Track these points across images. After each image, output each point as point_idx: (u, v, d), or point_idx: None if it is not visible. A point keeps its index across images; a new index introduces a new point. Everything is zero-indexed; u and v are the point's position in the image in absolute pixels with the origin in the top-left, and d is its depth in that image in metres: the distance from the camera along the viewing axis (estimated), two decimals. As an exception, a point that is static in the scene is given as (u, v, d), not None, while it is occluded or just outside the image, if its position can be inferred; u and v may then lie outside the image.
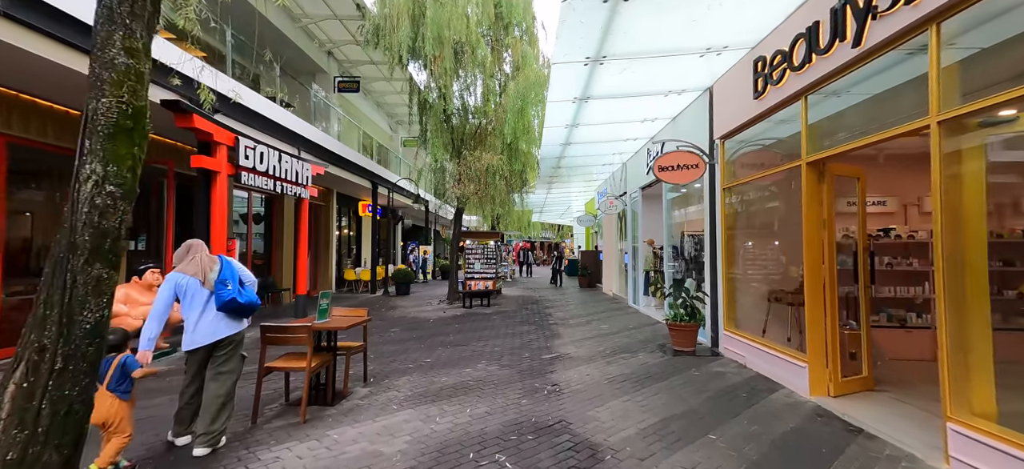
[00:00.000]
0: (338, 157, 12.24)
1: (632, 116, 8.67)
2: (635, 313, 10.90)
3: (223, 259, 3.76)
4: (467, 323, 9.43)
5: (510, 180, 11.68)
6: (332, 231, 15.06)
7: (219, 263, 3.72)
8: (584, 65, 5.87)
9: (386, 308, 11.71)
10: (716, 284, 6.77)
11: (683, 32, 5.19)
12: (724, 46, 5.60)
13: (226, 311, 3.56)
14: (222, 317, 3.58)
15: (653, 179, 10.45)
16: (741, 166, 6.56)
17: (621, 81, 6.59)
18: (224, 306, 3.53)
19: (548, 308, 11.99)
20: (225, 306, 3.53)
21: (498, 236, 15.02)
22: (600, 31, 4.99)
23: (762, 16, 4.93)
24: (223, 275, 3.63)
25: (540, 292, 16.50)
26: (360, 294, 14.89)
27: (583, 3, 4.42)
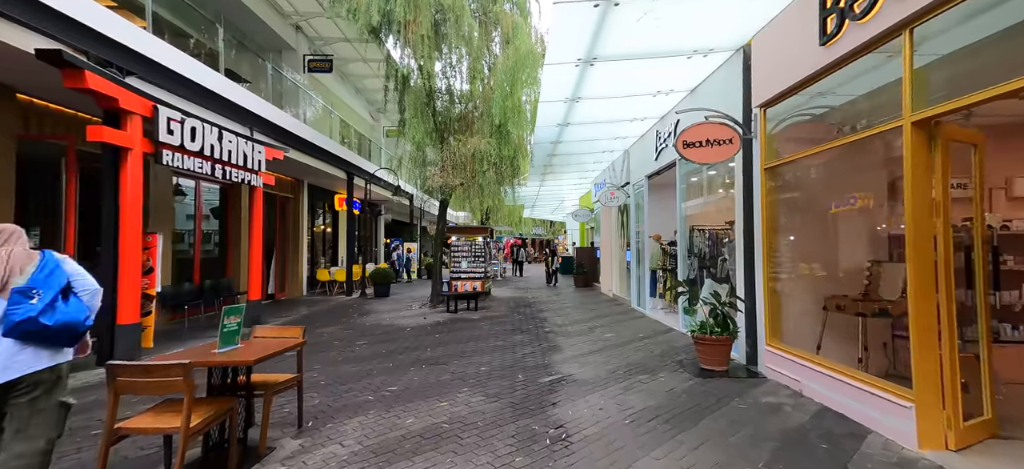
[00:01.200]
0: (303, 141, 10.76)
1: (643, 87, 7.35)
2: (641, 318, 9.62)
3: (48, 256, 2.36)
4: (450, 332, 8.06)
5: (500, 168, 10.32)
6: (302, 226, 13.56)
7: (39, 262, 2.32)
8: (595, 5, 4.52)
9: (359, 314, 10.29)
10: (754, 287, 5.48)
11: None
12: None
13: (22, 336, 2.17)
14: (18, 345, 2.18)
15: (663, 165, 9.18)
16: (788, 141, 5.27)
17: (633, 41, 5.29)
18: (15, 330, 2.14)
19: (543, 311, 10.67)
20: (17, 330, 2.14)
21: (487, 231, 13.65)
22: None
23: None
24: (32, 281, 2.23)
25: (533, 292, 15.18)
26: (334, 297, 13.43)
27: None
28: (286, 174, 12.74)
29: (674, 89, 7.44)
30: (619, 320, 9.35)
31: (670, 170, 9.04)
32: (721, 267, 8.90)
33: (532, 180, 17.01)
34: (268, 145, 8.43)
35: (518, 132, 10.48)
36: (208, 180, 8.58)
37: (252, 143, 7.81)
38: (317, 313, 10.31)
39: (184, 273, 9.01)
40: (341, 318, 9.61)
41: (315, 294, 13.88)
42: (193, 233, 9.35)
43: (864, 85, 4.26)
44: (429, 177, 10.46)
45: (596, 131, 10.03)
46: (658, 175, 9.82)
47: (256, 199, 8.29)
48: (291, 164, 11.31)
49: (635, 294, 11.26)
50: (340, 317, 9.74)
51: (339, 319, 9.47)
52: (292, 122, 10.07)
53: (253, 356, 2.96)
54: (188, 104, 7.01)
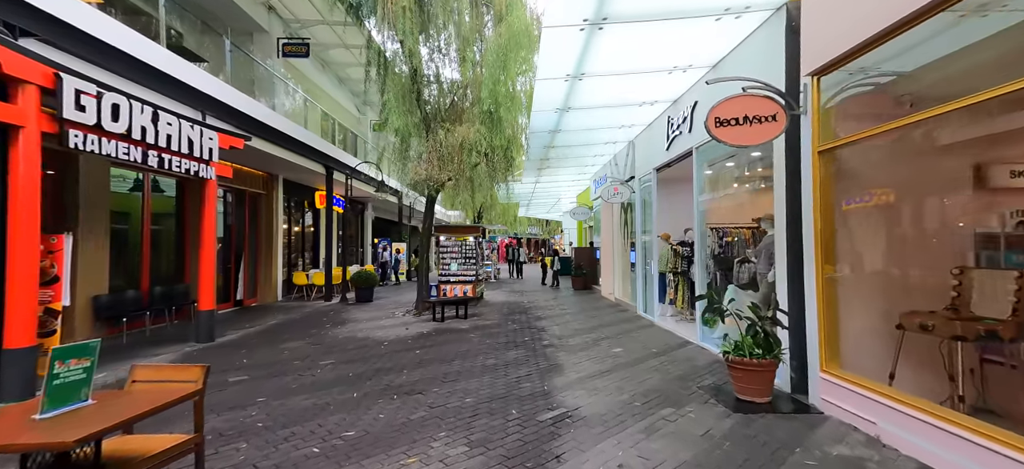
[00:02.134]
0: (272, 130, 9.62)
1: (657, 61, 6.30)
2: (650, 327, 8.58)
3: None
4: (433, 347, 6.98)
5: (492, 160, 9.24)
6: (277, 225, 12.41)
7: None
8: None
9: (334, 323, 9.17)
10: (802, 299, 4.44)
11: None
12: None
13: None
14: None
15: (675, 156, 8.13)
16: (847, 117, 4.24)
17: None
18: None
19: (540, 319, 9.61)
20: None
21: (478, 230, 12.57)
22: None
23: None
24: None
25: (529, 296, 14.12)
26: (311, 303, 12.29)
27: None
28: (256, 167, 11.59)
29: (693, 64, 6.39)
30: (626, 330, 8.30)
31: (684, 161, 8.00)
32: (744, 272, 7.90)
33: (527, 176, 15.94)
34: (224, 132, 7.29)
35: (511, 119, 9.39)
36: (139, 169, 7.41)
37: (201, 128, 6.67)
38: (286, 323, 9.18)
39: (129, 279, 7.86)
40: (311, 329, 8.49)
41: (291, 299, 12.74)
42: (140, 233, 8.18)
43: (961, 37, 3.23)
44: (413, 170, 9.34)
45: (599, 117, 8.97)
46: (668, 167, 8.79)
47: (208, 193, 7.15)
48: (260, 156, 10.17)
49: (641, 299, 10.22)
50: (311, 327, 8.62)
51: (309, 330, 8.35)
52: (256, 107, 8.93)
53: (88, 428, 1.86)
54: (122, 81, 5.88)
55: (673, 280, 8.94)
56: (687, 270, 8.78)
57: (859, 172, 4.26)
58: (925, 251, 3.97)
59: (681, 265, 8.85)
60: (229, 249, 10.80)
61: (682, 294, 8.81)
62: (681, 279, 8.87)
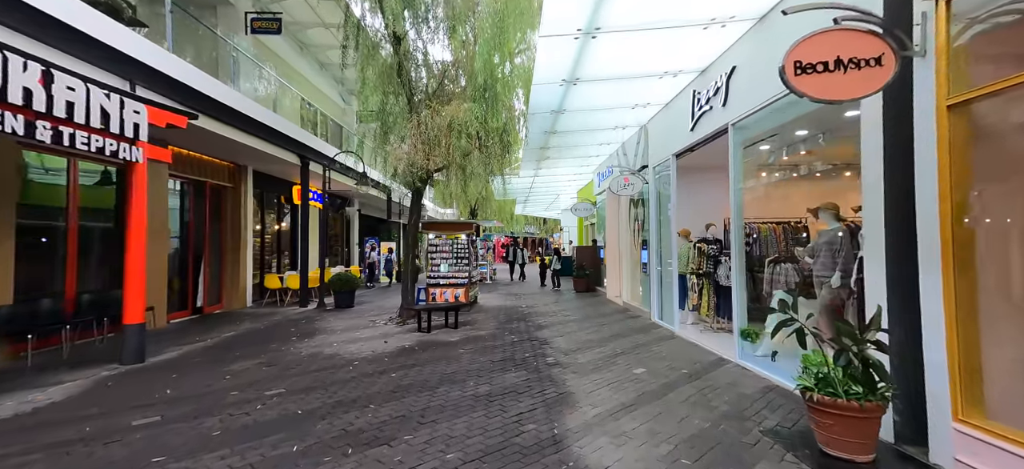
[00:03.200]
0: (227, 109, 8.28)
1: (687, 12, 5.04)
2: (671, 339, 7.33)
3: None
4: (414, 368, 5.69)
5: (486, 145, 7.93)
6: (246, 222, 11.07)
7: None
8: None
9: (302, 335, 7.86)
10: (917, 316, 3.19)
11: None
12: None
13: None
14: None
15: (701, 138, 6.88)
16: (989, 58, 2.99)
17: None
18: None
19: (542, 327, 8.34)
20: None
21: (470, 227, 11.28)
22: None
23: None
24: None
25: (527, 299, 12.85)
26: (284, 309, 10.96)
27: None
28: (219, 156, 10.26)
29: (736, 15, 5.12)
30: (643, 343, 7.04)
31: (714, 143, 6.75)
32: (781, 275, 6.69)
33: (525, 169, 14.68)
34: (157, 106, 5.96)
35: (507, 99, 8.12)
36: (26, 145, 5.96)
37: (122, 99, 5.35)
38: (245, 335, 7.86)
39: (45, 285, 6.52)
40: (272, 343, 7.18)
41: (263, 305, 11.40)
42: (64, 230, 6.83)
43: None
44: (393, 156, 8.02)
45: (609, 94, 7.71)
46: (691, 152, 7.54)
47: (136, 180, 5.82)
48: (220, 142, 8.85)
49: (656, 305, 8.97)
50: (272, 341, 7.31)
51: (268, 345, 7.04)
52: (207, 82, 7.59)
53: None
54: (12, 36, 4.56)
55: (696, 283, 7.69)
56: (713, 271, 7.54)
57: (1009, 136, 3.00)
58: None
59: (706, 265, 7.60)
60: (186, 249, 9.46)
61: (707, 300, 7.57)
62: (706, 282, 7.63)
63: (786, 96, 4.82)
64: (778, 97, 4.88)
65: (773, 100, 4.97)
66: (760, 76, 5.27)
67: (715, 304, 7.55)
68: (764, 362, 5.31)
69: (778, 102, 4.95)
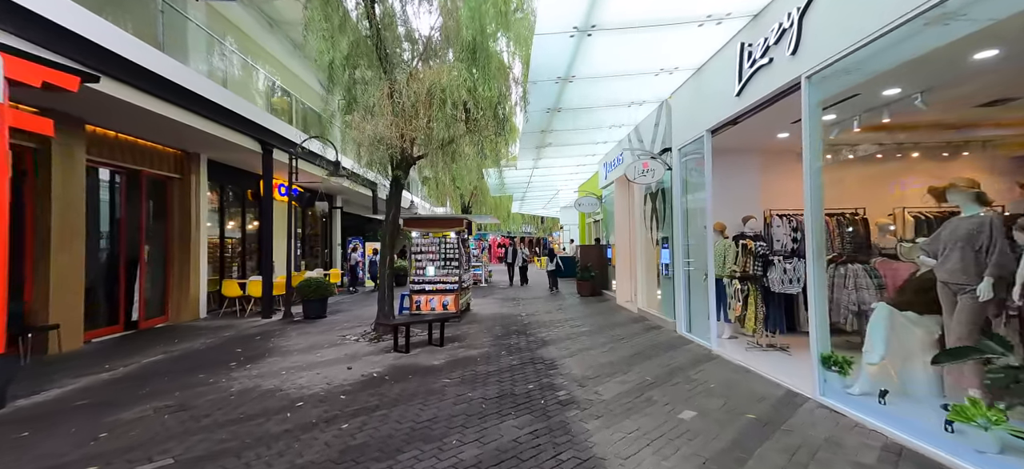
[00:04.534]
0: (158, 78, 6.70)
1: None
2: (711, 359, 5.81)
3: None
4: (378, 413, 4.15)
5: (476, 119, 6.36)
6: (198, 220, 9.47)
7: None
8: None
9: (247, 359, 6.29)
10: None
11: None
12: None
13: None
14: None
15: (751, 104, 5.35)
16: None
17: None
18: None
19: (546, 344, 6.80)
20: None
21: (461, 223, 9.74)
22: None
23: None
24: None
25: (526, 305, 11.30)
26: (242, 321, 9.37)
27: None
28: (161, 141, 8.67)
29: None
30: (679, 366, 5.52)
31: (771, 107, 5.23)
32: (850, 279, 5.23)
33: (524, 161, 13.16)
34: (20, 55, 4.38)
35: (500, 69, 6.57)
36: None
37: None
38: (170, 361, 6.27)
39: None
40: (199, 373, 5.60)
41: (220, 315, 9.80)
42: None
43: None
44: (354, 128, 6.43)
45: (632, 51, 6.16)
46: (734, 125, 6.02)
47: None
48: (157, 122, 7.28)
49: (683, 314, 7.46)
50: (201, 370, 5.74)
51: (193, 376, 5.47)
52: (118, 38, 5.99)
53: None
54: None
55: (740, 289, 6.17)
56: (762, 274, 6.03)
57: None
58: None
59: (754, 267, 6.09)
60: (117, 252, 7.86)
61: (755, 310, 6.06)
62: (752, 288, 6.11)
63: (902, 26, 3.33)
64: (889, 27, 3.38)
65: (881, 33, 3.47)
66: (855, 2, 3.77)
67: (764, 315, 6.04)
68: (865, 405, 3.81)
69: (888, 35, 3.45)
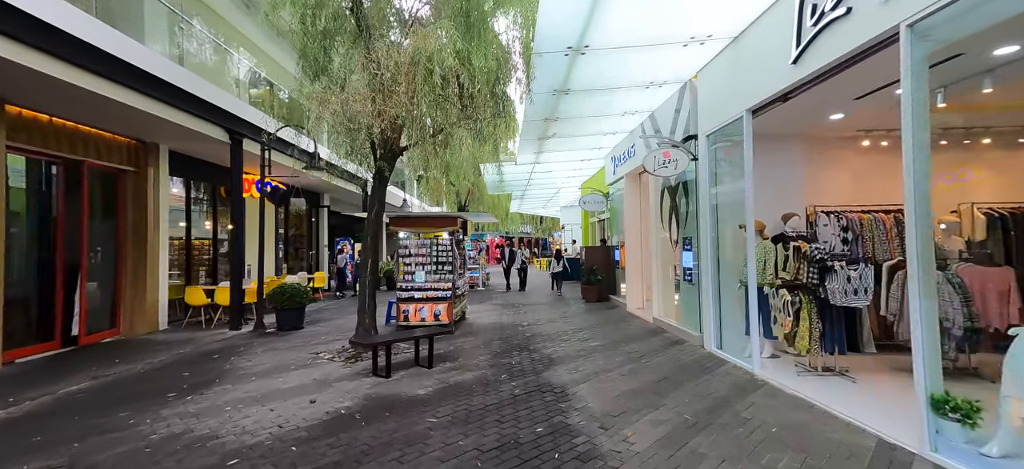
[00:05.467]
0: (96, 51, 5.60)
1: None
2: (755, 386, 4.74)
3: None
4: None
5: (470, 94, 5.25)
6: (158, 219, 8.35)
7: None
8: None
9: (192, 385, 5.19)
10: None
11: None
12: None
13: None
14: None
15: (812, 73, 4.26)
16: None
17: None
18: None
19: (554, 364, 5.72)
20: None
21: (454, 222, 8.66)
22: None
23: None
24: None
25: (527, 311, 10.22)
26: (207, 332, 8.25)
27: None
28: (112, 129, 7.56)
29: None
30: (722, 398, 4.45)
31: (832, 79, 4.16)
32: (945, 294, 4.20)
33: (524, 154, 12.08)
34: None
35: (491, 41, 5.48)
36: None
37: None
38: (96, 390, 5.16)
39: None
40: (125, 407, 4.51)
41: (182, 327, 8.67)
42: None
43: None
44: (315, 99, 5.32)
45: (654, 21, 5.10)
46: (784, 102, 4.95)
47: None
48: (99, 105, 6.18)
49: (713, 327, 6.39)
50: (127, 402, 4.64)
51: (112, 414, 4.37)
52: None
53: None
54: None
55: (791, 301, 5.08)
56: (819, 283, 4.96)
57: None
58: None
59: (808, 275, 5.01)
60: (52, 256, 6.74)
61: (809, 326, 4.98)
62: (805, 299, 5.04)
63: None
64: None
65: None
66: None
67: (820, 333, 4.98)
68: (980, 459, 2.75)
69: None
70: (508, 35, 5.55)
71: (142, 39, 7.33)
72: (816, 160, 6.56)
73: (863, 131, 6.26)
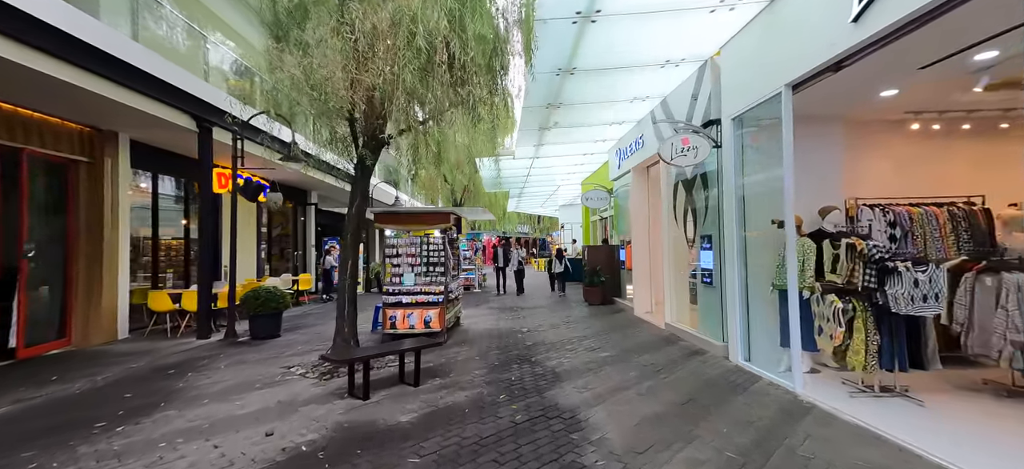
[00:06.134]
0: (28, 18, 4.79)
1: None
2: (801, 409, 3.95)
3: None
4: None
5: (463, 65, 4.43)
6: (115, 216, 7.50)
7: None
8: None
9: (136, 409, 4.38)
10: None
11: None
12: None
13: None
14: None
15: (884, 29, 3.49)
16: None
17: None
18: None
19: (560, 381, 4.92)
20: None
21: (447, 219, 7.86)
22: None
23: None
24: None
25: (527, 317, 9.42)
26: (170, 343, 7.41)
27: None
28: (61, 114, 6.72)
29: None
30: (767, 429, 3.66)
31: (893, 45, 3.39)
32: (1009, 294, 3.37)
33: (523, 147, 11.31)
34: None
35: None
36: None
37: None
38: (11, 417, 4.32)
39: None
40: (38, 442, 3.69)
41: (145, 335, 7.82)
42: None
43: None
44: (271, 60, 4.51)
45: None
46: (837, 71, 4.18)
47: None
48: (37, 84, 5.34)
49: (739, 337, 5.61)
50: (43, 436, 3.82)
51: (16, 453, 3.53)
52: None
53: None
54: None
55: (842, 309, 4.29)
56: (878, 288, 4.19)
57: None
58: None
59: (865, 278, 4.24)
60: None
61: (865, 338, 4.20)
62: (860, 307, 4.26)
63: None
64: None
65: None
66: None
67: (878, 346, 4.20)
68: None
69: None
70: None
71: (97, 13, 6.50)
72: (856, 147, 5.80)
73: (912, 113, 5.51)
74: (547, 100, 7.60)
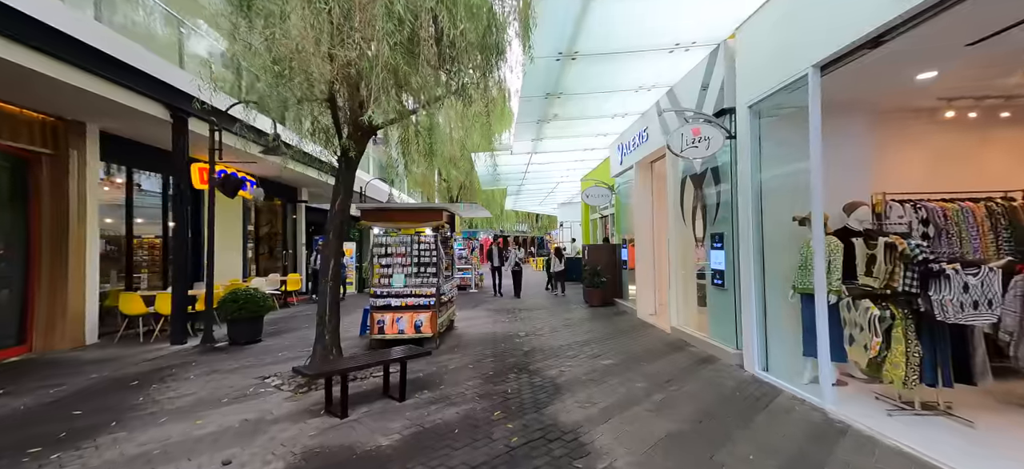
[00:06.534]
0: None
1: None
2: (834, 430, 3.47)
3: None
4: None
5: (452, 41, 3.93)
6: (82, 212, 6.98)
7: None
8: None
9: (80, 431, 3.88)
10: None
11: None
12: None
13: None
14: None
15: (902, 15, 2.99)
16: None
17: None
18: None
19: (562, 393, 4.43)
20: None
21: (439, 216, 7.36)
22: None
23: None
24: None
25: (525, 319, 8.92)
26: (142, 349, 6.89)
27: None
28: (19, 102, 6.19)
29: None
30: (797, 456, 3.16)
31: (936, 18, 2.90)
32: None
33: (521, 142, 10.80)
34: None
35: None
36: None
37: None
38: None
39: None
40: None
41: (115, 341, 7.30)
42: None
43: None
44: (225, 31, 4.00)
45: None
46: (874, 48, 3.70)
47: None
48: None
49: (756, 345, 5.14)
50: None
51: None
52: None
53: None
54: None
55: (879, 317, 3.81)
56: (918, 292, 3.71)
57: None
58: None
59: (906, 281, 3.76)
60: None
61: (905, 350, 3.72)
62: (899, 314, 3.78)
63: None
64: None
65: None
66: None
67: (920, 358, 3.72)
68: None
69: None
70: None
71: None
72: (883, 137, 5.33)
73: (946, 100, 5.03)
74: (546, 89, 7.10)
